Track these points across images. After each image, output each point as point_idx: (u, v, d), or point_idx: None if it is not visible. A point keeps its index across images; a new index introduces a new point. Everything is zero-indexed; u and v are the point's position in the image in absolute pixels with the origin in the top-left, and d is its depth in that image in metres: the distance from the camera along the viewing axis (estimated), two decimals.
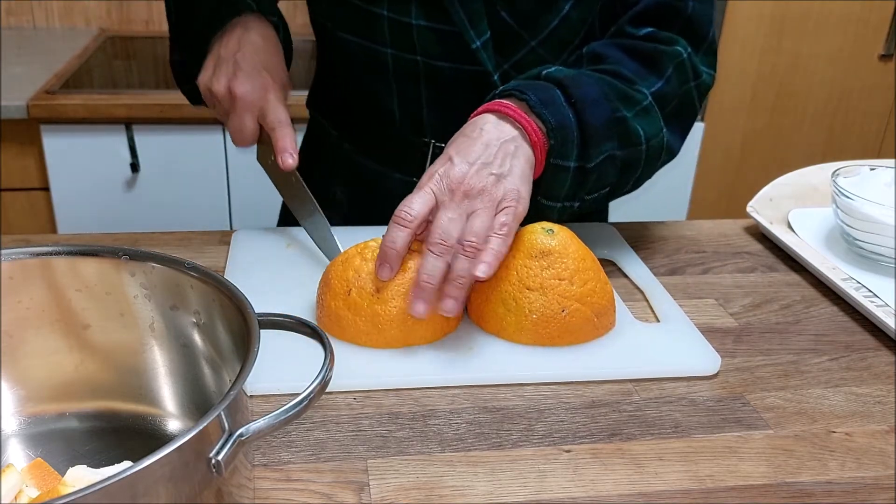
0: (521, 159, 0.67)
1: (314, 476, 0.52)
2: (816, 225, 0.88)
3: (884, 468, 0.56)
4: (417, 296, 0.62)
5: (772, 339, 0.71)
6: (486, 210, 0.63)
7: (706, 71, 0.81)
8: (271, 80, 0.76)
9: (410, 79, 0.84)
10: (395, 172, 0.89)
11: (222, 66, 0.75)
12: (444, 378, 0.62)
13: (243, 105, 0.74)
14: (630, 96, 0.74)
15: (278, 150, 0.73)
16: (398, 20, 0.80)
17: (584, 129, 0.70)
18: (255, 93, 0.74)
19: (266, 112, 0.74)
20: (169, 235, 0.83)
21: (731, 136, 2.02)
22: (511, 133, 0.68)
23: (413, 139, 0.87)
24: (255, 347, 0.42)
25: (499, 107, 0.69)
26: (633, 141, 0.73)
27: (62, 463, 0.48)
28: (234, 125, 0.76)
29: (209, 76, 0.76)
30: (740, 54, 1.92)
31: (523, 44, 0.81)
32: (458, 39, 0.79)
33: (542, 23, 0.80)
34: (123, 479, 0.34)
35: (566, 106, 0.70)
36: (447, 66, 0.82)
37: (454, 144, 0.68)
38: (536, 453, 0.55)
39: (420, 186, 0.65)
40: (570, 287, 0.65)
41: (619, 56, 0.77)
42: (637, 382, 0.63)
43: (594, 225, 0.88)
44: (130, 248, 0.51)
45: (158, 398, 0.53)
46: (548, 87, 0.71)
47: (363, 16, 0.81)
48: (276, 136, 0.74)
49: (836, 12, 1.92)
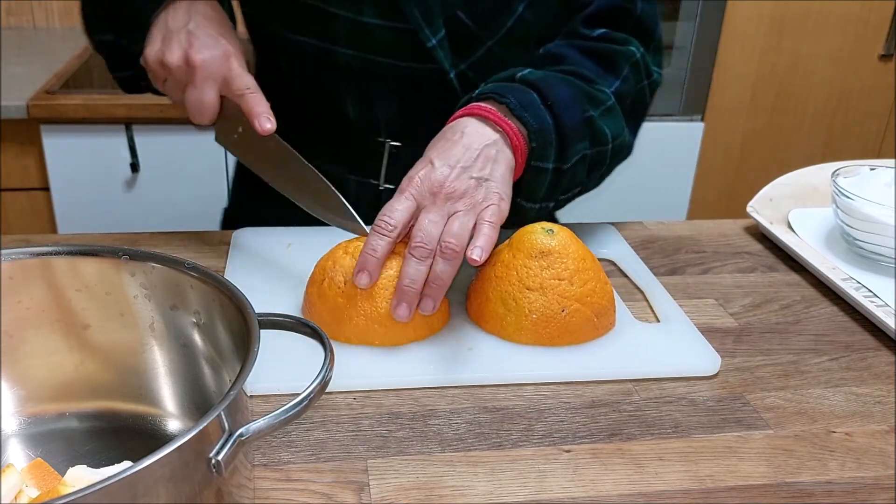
0: (501, 164, 0.68)
1: (314, 476, 0.52)
2: (816, 225, 0.88)
3: (884, 468, 0.56)
4: (400, 299, 0.62)
5: (772, 339, 0.71)
6: (466, 213, 0.64)
7: (656, 70, 0.83)
8: (231, 47, 0.70)
9: (366, 78, 0.83)
10: (349, 174, 0.88)
11: (174, 38, 0.70)
12: (444, 378, 0.62)
13: (204, 74, 0.69)
14: (595, 96, 0.76)
15: (253, 114, 0.68)
16: (353, 19, 0.79)
17: (561, 130, 0.71)
18: (216, 61, 0.69)
19: (230, 79, 0.69)
20: (169, 235, 0.83)
21: (731, 136, 2.02)
22: (492, 137, 0.68)
23: (368, 139, 0.86)
24: (255, 347, 0.42)
25: (479, 110, 0.70)
26: (601, 140, 0.75)
27: (62, 463, 0.48)
28: (194, 98, 0.70)
29: (158, 48, 0.70)
30: (740, 54, 1.92)
31: (480, 44, 0.82)
32: (414, 38, 0.79)
33: (498, 23, 0.81)
34: (123, 479, 0.34)
35: (543, 108, 0.71)
36: (403, 65, 0.81)
37: (434, 148, 0.68)
38: (536, 453, 0.55)
39: (401, 191, 0.65)
40: (570, 287, 0.65)
41: (577, 57, 0.79)
42: (637, 382, 0.63)
43: (594, 225, 0.88)
44: (130, 248, 0.51)
45: (158, 398, 0.53)
46: (524, 90, 0.72)
47: (316, 16, 0.80)
48: (247, 101, 0.68)
49: (836, 12, 1.92)
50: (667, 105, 1.94)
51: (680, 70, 1.92)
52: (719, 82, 1.95)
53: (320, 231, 0.85)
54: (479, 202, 0.65)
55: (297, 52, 0.83)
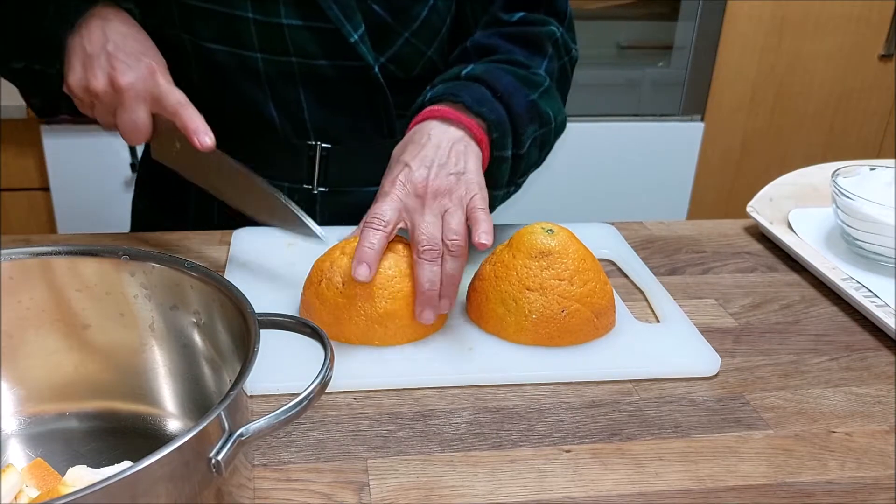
0: (472, 157, 0.70)
1: (314, 476, 0.52)
2: (816, 225, 0.88)
3: (884, 468, 0.56)
4: (424, 304, 0.63)
5: (772, 339, 0.71)
6: (456, 208, 0.66)
7: (574, 47, 0.88)
8: (154, 64, 0.68)
9: (286, 81, 0.82)
10: (282, 182, 0.86)
11: (94, 62, 0.67)
12: (444, 378, 0.62)
13: (132, 96, 0.67)
14: (533, 80, 0.79)
15: (190, 132, 0.65)
16: (266, 22, 0.78)
17: (513, 118, 0.74)
18: (142, 81, 0.67)
19: (160, 97, 0.67)
20: (169, 235, 0.83)
21: (731, 136, 2.02)
22: (457, 134, 0.71)
23: (298, 144, 0.85)
24: (255, 347, 0.42)
25: (438, 113, 0.72)
26: (546, 121, 0.79)
27: (62, 463, 0.48)
28: (126, 121, 0.68)
29: (80, 75, 0.68)
30: (740, 54, 1.92)
31: (397, 35, 0.83)
32: (335, 36, 0.79)
33: (414, 14, 0.83)
34: (123, 479, 0.34)
35: (495, 100, 0.74)
36: (326, 63, 0.81)
37: (406, 152, 0.69)
38: (536, 453, 0.55)
39: (385, 193, 0.66)
40: (570, 287, 0.65)
41: (505, 45, 0.82)
42: (637, 382, 0.63)
43: (594, 225, 0.88)
44: (130, 248, 0.51)
45: (158, 398, 0.53)
46: (474, 86, 0.74)
47: (226, 21, 0.78)
48: (181, 119, 0.66)
49: (836, 12, 1.92)
50: (667, 105, 1.94)
51: (680, 70, 1.92)
52: (719, 82, 1.94)
53: (327, 230, 0.85)
54: (464, 195, 0.67)
55: (209, 60, 0.81)
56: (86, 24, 0.70)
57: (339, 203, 0.89)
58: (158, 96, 0.67)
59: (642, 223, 0.92)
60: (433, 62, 0.87)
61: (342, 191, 0.88)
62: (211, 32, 0.80)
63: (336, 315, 0.64)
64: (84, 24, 0.70)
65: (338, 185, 0.88)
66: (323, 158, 0.86)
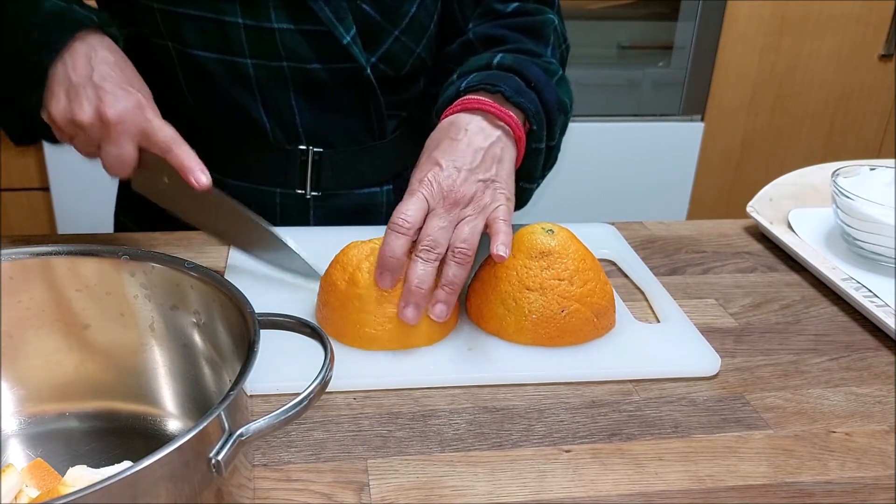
0: (506, 162, 0.69)
1: (314, 476, 0.52)
2: (816, 225, 0.88)
3: (884, 468, 0.56)
4: (408, 301, 0.62)
5: (772, 339, 0.71)
6: (475, 216, 0.65)
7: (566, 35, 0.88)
8: (143, 97, 0.65)
9: (277, 86, 0.81)
10: (275, 188, 0.86)
11: (81, 92, 0.64)
12: (444, 378, 0.62)
13: (120, 130, 0.64)
14: (550, 69, 0.78)
15: (185, 170, 0.63)
16: (257, 26, 0.77)
17: (546, 109, 0.74)
18: (131, 113, 0.64)
19: (151, 133, 0.64)
20: (169, 235, 0.83)
21: (731, 136, 2.02)
22: (495, 134, 0.69)
23: (289, 149, 0.85)
24: (255, 347, 0.42)
25: (477, 104, 0.70)
26: (566, 109, 0.78)
27: (62, 463, 0.48)
28: (112, 154, 0.65)
29: (64, 106, 0.65)
30: (740, 54, 1.92)
31: (387, 34, 0.82)
32: (327, 38, 0.79)
33: (403, 12, 0.82)
34: (123, 479, 0.34)
35: (529, 91, 0.73)
36: (318, 66, 0.80)
37: (439, 148, 0.68)
38: (536, 453, 0.55)
39: (412, 192, 0.65)
40: (570, 287, 0.65)
41: (512, 35, 0.81)
42: (637, 382, 0.63)
43: (594, 225, 0.88)
44: (130, 248, 0.51)
45: (158, 398, 0.53)
46: (508, 76, 0.73)
47: (215, 28, 0.78)
48: (176, 157, 0.64)
49: (836, 12, 1.92)
50: (667, 105, 1.94)
51: (680, 70, 1.92)
52: (719, 82, 1.94)
53: (321, 231, 0.85)
54: (488, 204, 0.66)
55: (197, 68, 0.80)
56: (70, 51, 0.66)
57: (332, 207, 0.88)
58: (148, 132, 0.64)
59: (642, 223, 0.92)
60: (422, 59, 0.87)
61: (335, 194, 0.88)
62: (199, 40, 0.79)
63: (347, 319, 0.64)
64: (68, 51, 0.66)
65: (330, 189, 0.87)
66: (315, 163, 0.85)
